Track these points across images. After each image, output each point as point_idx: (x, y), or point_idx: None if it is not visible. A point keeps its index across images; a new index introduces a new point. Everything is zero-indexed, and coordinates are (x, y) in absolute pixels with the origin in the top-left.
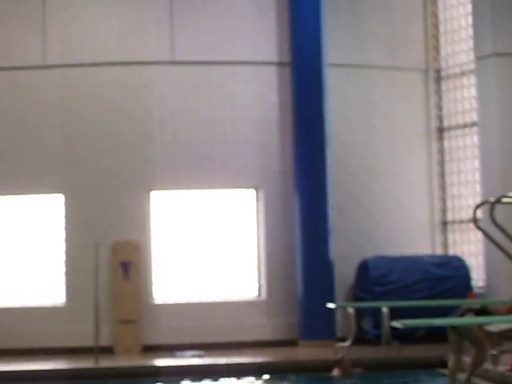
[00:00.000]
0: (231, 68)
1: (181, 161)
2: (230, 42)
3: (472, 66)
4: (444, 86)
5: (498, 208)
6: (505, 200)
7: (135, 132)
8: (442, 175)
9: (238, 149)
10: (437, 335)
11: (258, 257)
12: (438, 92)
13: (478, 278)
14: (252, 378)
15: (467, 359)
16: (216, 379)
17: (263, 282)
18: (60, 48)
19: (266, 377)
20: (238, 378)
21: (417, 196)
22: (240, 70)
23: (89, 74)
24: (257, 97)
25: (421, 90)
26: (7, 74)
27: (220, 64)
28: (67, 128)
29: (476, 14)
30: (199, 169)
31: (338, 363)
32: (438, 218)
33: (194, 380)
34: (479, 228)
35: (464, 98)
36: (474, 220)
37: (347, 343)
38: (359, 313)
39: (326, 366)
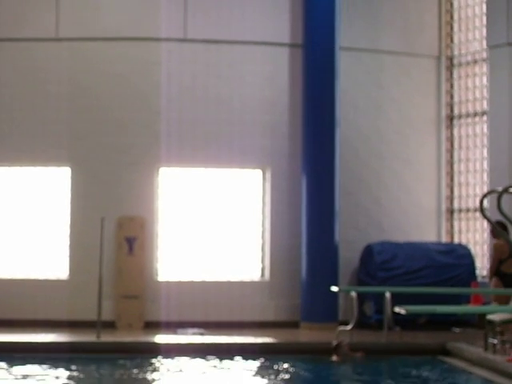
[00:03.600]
0: (242, 48)
1: (188, 138)
2: (242, 22)
3: (484, 55)
4: (456, 73)
5: (505, 198)
6: None
7: (143, 108)
8: (451, 163)
9: (246, 128)
10: (439, 323)
11: (263, 237)
12: (450, 79)
13: (482, 267)
14: (252, 359)
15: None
16: (217, 358)
17: (267, 263)
18: (72, 21)
19: (266, 357)
20: (239, 358)
21: (424, 183)
22: (251, 50)
23: (99, 48)
24: (267, 77)
25: (433, 77)
26: (18, 45)
27: (231, 43)
28: (75, 101)
29: (490, 2)
30: (206, 147)
31: (335, 349)
32: (444, 205)
33: (194, 358)
34: (485, 217)
35: (475, 87)
36: (481, 209)
37: (349, 327)
38: (362, 297)
39: (327, 349)
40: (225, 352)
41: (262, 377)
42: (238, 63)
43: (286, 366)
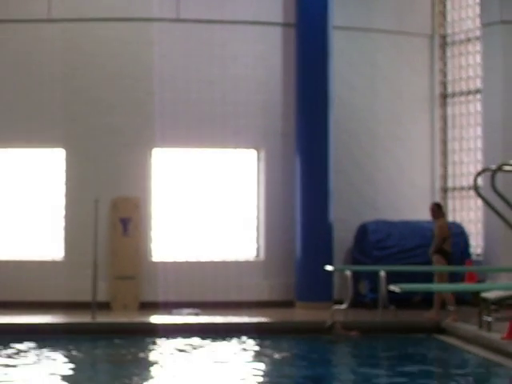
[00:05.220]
0: (235, 27)
1: (181, 119)
2: (234, 1)
3: (478, 33)
4: (449, 52)
5: (499, 176)
6: (506, 168)
7: (137, 89)
8: (444, 141)
9: (240, 109)
10: (433, 301)
11: (258, 217)
12: (443, 58)
13: (476, 245)
14: (248, 338)
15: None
16: (212, 337)
17: (262, 243)
18: (64, 2)
19: (261, 337)
20: (234, 337)
21: (418, 162)
22: (244, 30)
23: (92, 29)
24: (260, 57)
25: (426, 56)
26: (11, 26)
27: (224, 23)
28: (69, 83)
29: None
30: (200, 127)
31: (328, 330)
32: (438, 184)
33: (189, 338)
34: (480, 195)
35: (469, 65)
36: (475, 187)
37: (344, 306)
38: (357, 276)
39: (322, 328)
40: (220, 332)
41: (258, 356)
42: (231, 43)
43: (281, 344)
